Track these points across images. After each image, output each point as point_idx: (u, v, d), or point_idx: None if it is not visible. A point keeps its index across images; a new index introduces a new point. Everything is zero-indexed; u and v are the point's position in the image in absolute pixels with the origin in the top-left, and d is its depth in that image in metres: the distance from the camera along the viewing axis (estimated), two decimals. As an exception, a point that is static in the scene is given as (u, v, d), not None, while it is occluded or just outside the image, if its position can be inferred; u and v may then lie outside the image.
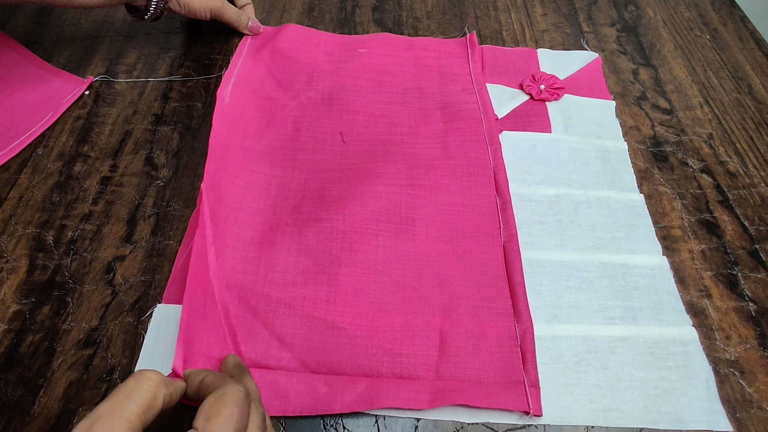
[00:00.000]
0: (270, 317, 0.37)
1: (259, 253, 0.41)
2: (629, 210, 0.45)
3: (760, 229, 0.44)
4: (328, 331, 0.37)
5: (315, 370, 0.35)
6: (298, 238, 0.41)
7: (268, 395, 0.34)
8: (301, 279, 0.39)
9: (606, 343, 0.36)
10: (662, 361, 0.36)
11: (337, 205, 0.43)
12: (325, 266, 0.40)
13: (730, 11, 0.64)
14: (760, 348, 0.37)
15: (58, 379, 0.35)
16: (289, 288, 0.38)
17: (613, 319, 0.38)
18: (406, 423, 0.34)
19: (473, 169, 0.47)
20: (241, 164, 0.46)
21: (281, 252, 0.40)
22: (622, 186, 0.47)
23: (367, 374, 0.35)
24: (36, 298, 0.39)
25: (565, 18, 0.63)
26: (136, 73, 0.56)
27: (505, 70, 0.56)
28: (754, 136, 0.51)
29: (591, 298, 0.39)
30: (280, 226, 0.42)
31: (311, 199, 0.44)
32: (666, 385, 0.35)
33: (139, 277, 0.40)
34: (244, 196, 0.44)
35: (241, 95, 0.51)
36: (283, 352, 0.36)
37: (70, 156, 0.48)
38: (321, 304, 0.38)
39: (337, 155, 0.48)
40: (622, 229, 0.43)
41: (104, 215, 0.44)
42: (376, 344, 0.36)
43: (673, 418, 0.34)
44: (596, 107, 0.53)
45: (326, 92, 0.53)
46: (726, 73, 0.57)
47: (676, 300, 0.39)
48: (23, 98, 0.51)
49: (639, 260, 0.42)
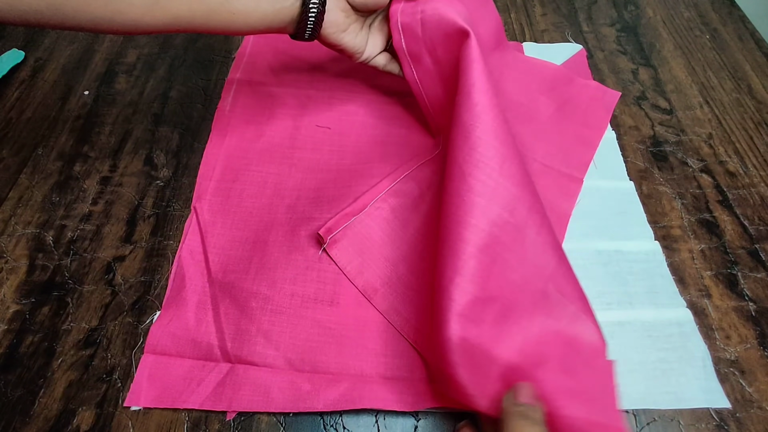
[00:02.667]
0: (257, 314, 0.37)
1: (252, 251, 0.41)
2: (621, 198, 0.46)
3: (760, 228, 0.44)
4: (315, 330, 0.37)
5: (299, 368, 0.36)
6: (290, 236, 0.41)
7: (250, 391, 0.35)
8: (290, 275, 0.39)
9: (604, 328, 0.36)
10: (660, 343, 0.37)
11: (331, 204, 0.43)
12: (314, 263, 0.40)
13: (730, 11, 0.64)
14: (760, 348, 0.37)
15: (58, 380, 0.35)
16: (278, 285, 0.39)
17: (610, 304, 0.39)
18: (406, 423, 0.34)
19: None
20: (238, 166, 0.46)
21: (273, 250, 0.41)
22: (613, 175, 0.48)
23: (351, 374, 0.35)
24: (36, 298, 0.39)
25: (564, 18, 0.63)
26: (136, 72, 0.56)
27: None
28: (753, 136, 0.51)
29: (588, 285, 0.39)
30: (275, 224, 0.42)
31: (307, 198, 0.44)
32: (665, 366, 0.36)
33: (139, 278, 0.40)
34: (241, 198, 0.44)
35: (243, 94, 0.51)
36: (268, 349, 0.36)
37: (70, 156, 0.48)
38: (309, 302, 0.38)
39: (336, 155, 0.48)
40: (615, 216, 0.44)
41: (104, 215, 0.44)
42: (362, 344, 0.37)
43: (673, 397, 0.35)
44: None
45: (327, 91, 0.53)
46: (726, 73, 0.57)
47: (669, 283, 0.40)
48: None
49: (632, 246, 0.43)
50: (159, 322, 0.37)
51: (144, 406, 0.34)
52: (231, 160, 0.47)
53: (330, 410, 0.34)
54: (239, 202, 0.44)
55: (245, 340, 0.36)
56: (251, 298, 0.38)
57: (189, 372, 0.35)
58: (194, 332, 0.37)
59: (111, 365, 0.36)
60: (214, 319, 0.37)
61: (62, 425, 0.33)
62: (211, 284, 0.39)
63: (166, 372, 0.35)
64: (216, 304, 0.38)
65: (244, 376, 0.35)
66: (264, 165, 0.47)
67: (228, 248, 0.41)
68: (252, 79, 0.53)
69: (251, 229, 0.42)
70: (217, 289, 0.39)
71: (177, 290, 0.39)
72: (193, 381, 0.35)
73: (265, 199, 0.44)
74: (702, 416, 0.34)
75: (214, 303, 0.38)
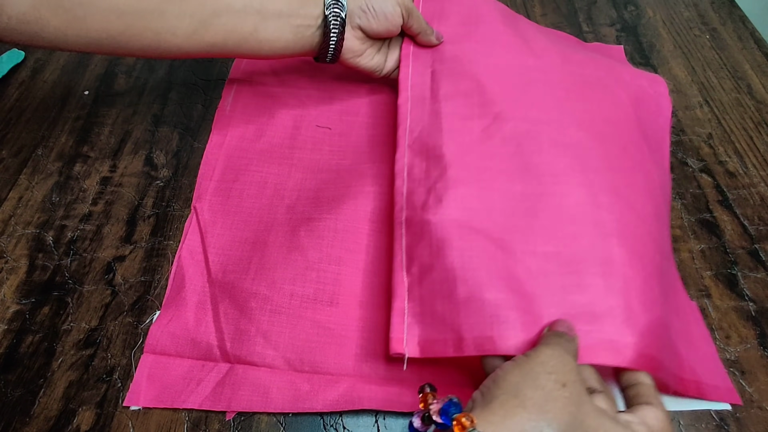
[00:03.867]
0: (257, 314, 0.37)
1: (251, 251, 0.41)
2: None
3: (760, 228, 0.44)
4: (314, 330, 0.37)
5: (299, 368, 0.36)
6: (290, 236, 0.41)
7: (250, 391, 0.35)
8: (290, 276, 0.39)
9: None
10: None
11: (330, 204, 0.43)
12: (314, 264, 0.40)
13: (730, 11, 0.64)
14: (760, 348, 0.37)
15: (58, 380, 0.35)
16: (277, 285, 0.39)
17: None
18: (406, 423, 0.34)
19: None
20: (238, 166, 0.46)
21: (272, 250, 0.41)
22: None
23: (350, 374, 0.35)
24: (36, 298, 0.39)
25: (564, 18, 0.63)
26: (135, 73, 0.56)
27: None
28: (753, 136, 0.51)
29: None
30: (275, 225, 0.42)
31: (306, 198, 0.44)
32: None
33: (139, 278, 0.40)
34: (242, 198, 0.44)
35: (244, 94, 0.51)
36: (267, 349, 0.36)
37: (70, 156, 0.48)
38: (308, 302, 0.38)
39: (336, 155, 0.48)
40: None
41: (104, 215, 0.44)
42: (361, 345, 0.37)
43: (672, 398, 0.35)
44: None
45: (327, 91, 0.53)
46: (725, 72, 0.57)
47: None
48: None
49: None
50: (158, 322, 0.37)
51: (143, 406, 0.34)
52: (231, 160, 0.47)
53: (330, 410, 0.34)
54: (239, 202, 0.44)
55: (244, 340, 0.36)
56: (251, 298, 0.38)
57: (188, 372, 0.35)
58: (194, 332, 0.37)
59: (111, 365, 0.36)
60: (213, 319, 0.37)
61: (62, 425, 0.33)
62: (211, 284, 0.39)
63: (165, 372, 0.35)
64: (215, 304, 0.38)
65: (243, 376, 0.35)
66: (264, 165, 0.47)
67: (228, 248, 0.41)
68: (252, 80, 0.53)
69: (251, 229, 0.42)
70: (216, 289, 0.39)
71: (177, 290, 0.39)
72: (193, 381, 0.35)
73: (265, 199, 0.44)
74: (702, 416, 0.34)
75: (213, 303, 0.38)
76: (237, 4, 0.40)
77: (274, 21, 0.41)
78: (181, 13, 0.39)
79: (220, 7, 0.40)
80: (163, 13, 0.38)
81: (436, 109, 0.42)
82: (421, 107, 0.43)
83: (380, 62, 0.48)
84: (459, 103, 0.42)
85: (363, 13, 0.43)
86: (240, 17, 0.40)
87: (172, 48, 0.40)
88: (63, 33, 0.37)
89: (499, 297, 0.32)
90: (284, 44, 0.43)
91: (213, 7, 0.39)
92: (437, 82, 0.44)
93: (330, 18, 0.42)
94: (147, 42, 0.39)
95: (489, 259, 0.34)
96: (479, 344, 0.31)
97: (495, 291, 0.32)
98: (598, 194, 0.35)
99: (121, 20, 0.37)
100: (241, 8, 0.40)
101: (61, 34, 0.37)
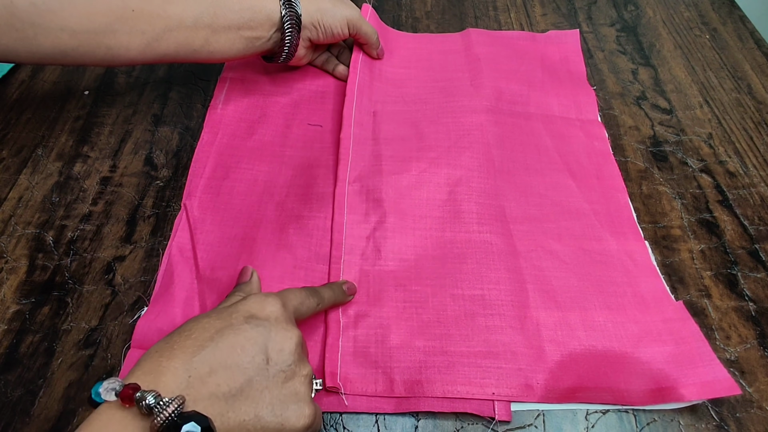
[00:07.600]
0: None
1: (240, 249, 0.41)
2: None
3: (760, 228, 0.44)
4: (300, 328, 0.37)
5: None
6: (279, 234, 0.41)
7: None
8: (278, 274, 0.39)
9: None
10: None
11: (320, 202, 0.43)
12: (302, 262, 0.40)
13: (730, 11, 0.64)
14: (760, 348, 0.37)
15: (58, 380, 0.35)
16: (265, 282, 0.38)
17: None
18: (406, 423, 0.34)
19: None
20: (229, 163, 0.46)
21: (261, 248, 0.41)
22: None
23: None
24: (36, 298, 0.39)
25: (564, 18, 0.63)
26: (135, 73, 0.56)
27: None
28: (753, 136, 0.51)
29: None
30: (264, 222, 0.42)
31: (296, 195, 0.44)
32: None
33: (139, 278, 0.40)
34: (232, 195, 0.44)
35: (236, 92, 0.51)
36: None
37: (70, 156, 0.48)
38: None
39: (326, 152, 0.48)
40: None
41: (104, 215, 0.44)
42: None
43: None
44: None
45: (319, 90, 0.53)
46: (725, 72, 0.57)
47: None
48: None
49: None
50: (146, 317, 0.37)
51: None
52: (222, 157, 0.47)
53: (329, 411, 0.34)
54: (229, 200, 0.44)
55: None
56: None
57: None
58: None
59: (111, 365, 0.36)
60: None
61: (62, 425, 0.33)
62: (199, 281, 0.39)
63: None
64: (203, 301, 0.38)
65: None
66: (255, 163, 0.47)
67: (217, 245, 0.41)
68: (245, 77, 0.53)
69: (240, 227, 0.42)
70: (204, 285, 0.39)
71: (165, 286, 0.39)
72: None
73: (254, 196, 0.44)
74: (702, 416, 0.34)
75: (201, 299, 0.38)
76: (188, 20, 0.41)
77: (225, 34, 0.43)
78: (132, 30, 0.39)
79: (172, 23, 0.41)
80: (115, 31, 0.39)
81: (377, 151, 0.46)
82: (362, 147, 0.46)
83: (323, 57, 0.54)
84: (398, 147, 0.46)
85: (314, 28, 0.47)
86: (191, 32, 0.41)
87: (126, 61, 0.41)
88: (14, 51, 0.38)
89: (428, 344, 0.36)
90: (236, 53, 0.45)
91: (164, 24, 0.40)
92: (378, 125, 0.48)
93: (286, 37, 0.45)
94: (101, 56, 0.40)
95: (421, 306, 0.37)
96: (409, 387, 0.34)
97: (425, 339, 0.36)
98: (517, 243, 0.41)
99: (73, 38, 0.38)
100: (192, 24, 0.41)
101: (11, 51, 0.38)
